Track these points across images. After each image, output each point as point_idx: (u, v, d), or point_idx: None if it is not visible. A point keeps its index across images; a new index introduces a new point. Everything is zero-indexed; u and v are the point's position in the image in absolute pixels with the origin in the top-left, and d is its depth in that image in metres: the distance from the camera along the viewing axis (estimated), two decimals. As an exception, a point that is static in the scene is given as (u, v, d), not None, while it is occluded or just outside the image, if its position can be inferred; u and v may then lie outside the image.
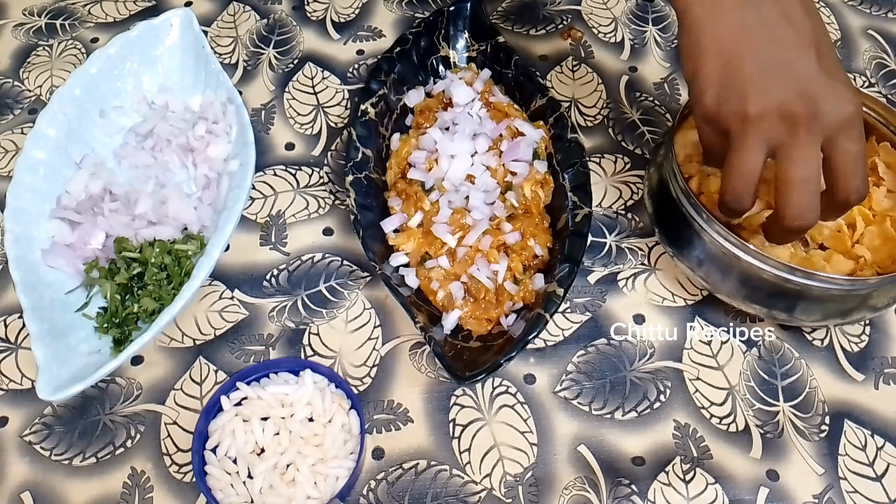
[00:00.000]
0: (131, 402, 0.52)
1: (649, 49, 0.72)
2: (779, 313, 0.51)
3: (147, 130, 0.61)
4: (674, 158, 0.53)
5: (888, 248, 0.52)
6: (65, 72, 0.69)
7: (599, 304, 0.56)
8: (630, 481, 0.49)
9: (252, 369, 0.50)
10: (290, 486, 0.46)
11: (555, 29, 0.73)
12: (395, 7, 0.75)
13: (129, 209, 0.57)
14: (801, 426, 0.51)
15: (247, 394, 0.49)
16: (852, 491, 0.49)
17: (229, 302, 0.56)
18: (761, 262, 0.49)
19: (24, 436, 0.51)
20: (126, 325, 0.52)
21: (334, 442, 0.47)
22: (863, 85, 0.70)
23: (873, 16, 0.76)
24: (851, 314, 0.51)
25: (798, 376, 0.54)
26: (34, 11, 0.74)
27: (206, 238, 0.56)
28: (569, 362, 0.54)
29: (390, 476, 0.49)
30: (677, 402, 0.52)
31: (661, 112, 0.67)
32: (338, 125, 0.66)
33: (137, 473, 0.49)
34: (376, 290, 0.57)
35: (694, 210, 0.51)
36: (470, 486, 0.49)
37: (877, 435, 0.51)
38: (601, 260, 0.59)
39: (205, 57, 0.62)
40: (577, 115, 0.67)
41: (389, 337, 0.55)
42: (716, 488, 0.49)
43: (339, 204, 0.61)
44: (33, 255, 0.54)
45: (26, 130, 0.64)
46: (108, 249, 0.55)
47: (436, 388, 0.53)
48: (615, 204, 0.62)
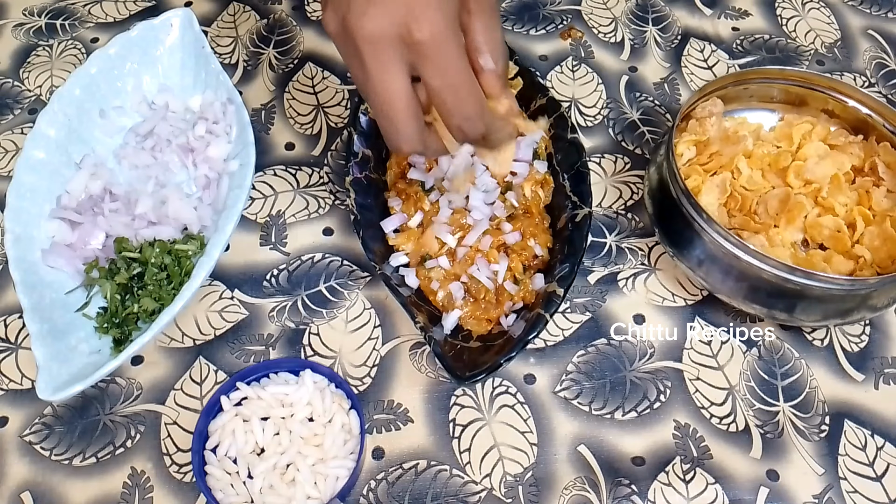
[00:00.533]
0: (131, 402, 0.52)
1: (649, 49, 0.72)
2: (779, 313, 0.51)
3: (147, 130, 0.61)
4: (674, 158, 0.53)
5: (888, 248, 0.52)
6: (65, 72, 0.69)
7: (599, 304, 0.56)
8: (630, 481, 0.49)
9: (252, 369, 0.50)
10: (290, 486, 0.46)
11: (555, 29, 0.73)
12: (395, 7, 0.75)
13: (129, 209, 0.57)
14: (801, 426, 0.51)
15: (247, 394, 0.49)
16: (852, 491, 0.49)
17: (229, 302, 0.56)
18: (761, 262, 0.49)
19: (24, 436, 0.51)
20: (126, 325, 0.52)
21: (334, 442, 0.47)
22: (863, 85, 0.70)
23: (873, 16, 0.76)
24: (851, 314, 0.51)
25: (798, 376, 0.54)
26: (34, 11, 0.74)
27: (206, 238, 0.56)
28: (569, 362, 0.54)
29: (390, 476, 0.49)
30: (677, 402, 0.52)
31: (661, 112, 0.67)
32: (338, 125, 0.66)
33: (137, 473, 0.49)
34: (376, 290, 0.57)
35: (694, 210, 0.51)
36: (470, 486, 0.49)
37: (877, 435, 0.51)
38: (601, 260, 0.59)
39: (205, 57, 0.62)
40: (577, 115, 0.67)
41: (389, 337, 0.55)
42: (716, 488, 0.49)
43: (339, 204, 0.61)
44: (33, 255, 0.53)
45: (26, 130, 0.64)
46: (108, 249, 0.55)
47: (436, 388, 0.53)
48: (615, 204, 0.62)
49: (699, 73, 0.70)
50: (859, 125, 0.59)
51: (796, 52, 0.72)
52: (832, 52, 0.73)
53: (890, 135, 0.57)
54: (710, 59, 0.71)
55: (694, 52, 0.72)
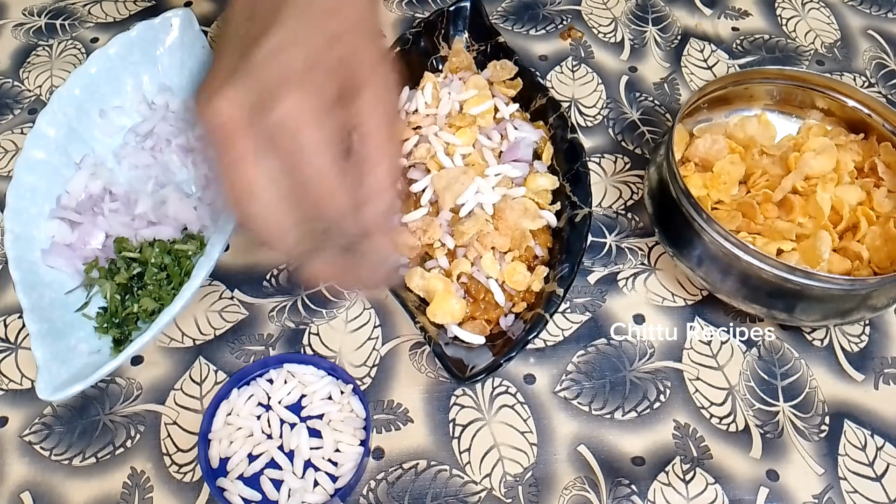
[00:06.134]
0: (131, 402, 0.52)
1: (649, 49, 0.72)
2: (779, 313, 0.51)
3: (147, 130, 0.61)
4: (673, 158, 0.53)
5: (888, 249, 0.52)
6: (65, 72, 0.69)
7: (599, 304, 0.56)
8: (630, 481, 0.49)
9: (256, 365, 0.50)
10: (292, 484, 0.46)
11: (555, 29, 0.73)
12: (395, 7, 0.75)
13: (129, 209, 0.57)
14: (801, 426, 0.51)
15: (252, 390, 0.49)
16: (852, 491, 0.49)
17: (229, 302, 0.56)
18: (761, 262, 0.49)
19: (24, 436, 0.51)
20: (126, 325, 0.52)
21: (338, 439, 0.48)
22: (863, 85, 0.70)
23: (873, 16, 0.76)
24: (851, 314, 0.51)
25: (798, 376, 0.54)
26: (34, 11, 0.74)
27: (206, 238, 0.56)
28: (569, 362, 0.54)
29: (390, 476, 0.49)
30: (677, 402, 0.52)
31: (661, 112, 0.67)
32: (338, 125, 0.66)
33: (137, 473, 0.49)
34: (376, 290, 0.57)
35: (694, 210, 0.51)
36: (470, 486, 0.49)
37: (877, 435, 0.51)
38: (601, 260, 0.59)
39: (205, 57, 0.62)
40: (577, 115, 0.67)
41: (389, 337, 0.55)
42: (716, 488, 0.49)
43: (339, 204, 0.61)
44: (33, 255, 0.53)
45: (26, 130, 0.64)
46: (108, 249, 0.55)
47: (436, 388, 0.53)
48: (615, 204, 0.62)
49: (699, 73, 0.70)
50: (859, 125, 0.59)
51: (796, 52, 0.72)
52: (832, 52, 0.73)
53: (890, 135, 0.57)
54: (710, 59, 0.71)
55: (694, 52, 0.72)
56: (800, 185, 0.55)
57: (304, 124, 0.32)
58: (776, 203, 0.55)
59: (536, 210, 0.55)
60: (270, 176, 0.33)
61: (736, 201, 0.56)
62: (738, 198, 0.57)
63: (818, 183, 0.55)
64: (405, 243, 0.54)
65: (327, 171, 0.34)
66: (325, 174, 0.34)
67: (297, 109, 0.32)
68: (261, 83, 0.33)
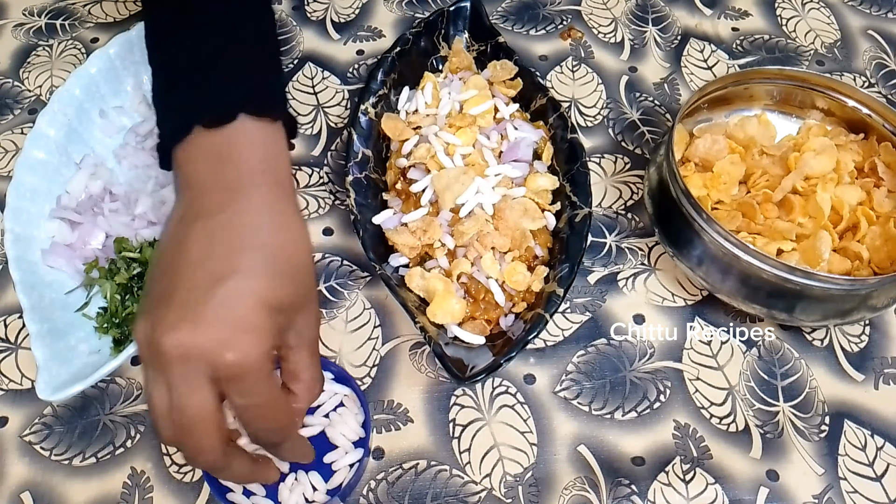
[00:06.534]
0: (131, 402, 0.52)
1: (649, 49, 0.72)
2: (779, 313, 0.51)
3: (147, 130, 0.61)
4: (673, 158, 0.53)
5: (888, 249, 0.52)
6: (65, 72, 0.69)
7: (599, 304, 0.56)
8: (630, 481, 0.49)
9: None
10: (290, 485, 0.46)
11: (555, 29, 0.73)
12: (395, 7, 0.75)
13: (129, 209, 0.57)
14: (801, 426, 0.51)
15: None
16: (852, 491, 0.49)
17: (229, 302, 0.56)
18: (761, 262, 0.49)
19: (24, 436, 0.51)
20: (126, 325, 0.52)
21: (339, 440, 0.48)
22: (863, 85, 0.70)
23: (873, 16, 0.76)
24: (851, 314, 0.51)
25: (798, 376, 0.54)
26: (34, 11, 0.74)
27: (206, 238, 0.56)
28: (569, 362, 0.54)
29: (390, 476, 0.49)
30: (677, 402, 0.52)
31: (661, 112, 0.67)
32: (338, 125, 0.66)
33: (137, 473, 0.49)
34: (376, 290, 0.57)
35: (694, 210, 0.51)
36: (470, 486, 0.49)
37: (877, 435, 0.51)
38: (601, 260, 0.59)
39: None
40: (577, 115, 0.67)
41: (389, 337, 0.55)
42: (716, 488, 0.49)
43: (339, 204, 0.61)
44: (33, 255, 0.53)
45: (26, 130, 0.64)
46: (108, 249, 0.55)
47: (436, 388, 0.53)
48: (615, 204, 0.62)
49: (699, 74, 0.70)
50: (859, 125, 0.59)
51: (796, 52, 0.72)
52: (832, 52, 0.73)
53: (890, 135, 0.57)
54: (710, 60, 0.71)
55: (694, 52, 0.72)
56: (800, 185, 0.55)
57: (258, 366, 0.36)
58: (776, 203, 0.55)
59: (536, 210, 0.55)
60: (214, 406, 0.36)
61: (736, 201, 0.56)
62: (738, 198, 0.57)
63: (818, 183, 0.55)
64: (405, 243, 0.54)
65: (275, 400, 0.38)
66: (274, 401, 0.38)
67: (254, 356, 0.35)
68: (219, 324, 0.35)
